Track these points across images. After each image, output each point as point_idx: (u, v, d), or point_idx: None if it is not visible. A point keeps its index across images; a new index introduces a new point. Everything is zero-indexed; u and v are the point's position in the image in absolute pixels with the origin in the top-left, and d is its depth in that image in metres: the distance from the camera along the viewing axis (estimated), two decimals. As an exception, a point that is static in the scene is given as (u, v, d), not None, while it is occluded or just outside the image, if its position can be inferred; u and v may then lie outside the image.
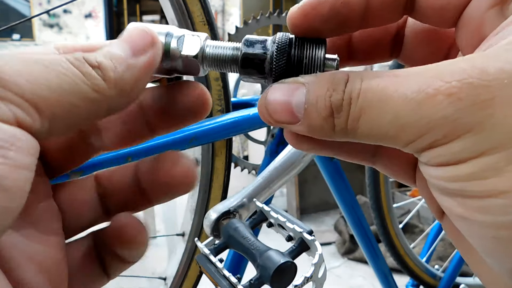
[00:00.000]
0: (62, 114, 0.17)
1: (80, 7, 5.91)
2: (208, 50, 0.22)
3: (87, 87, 0.18)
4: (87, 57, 0.18)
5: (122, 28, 4.00)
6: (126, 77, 0.19)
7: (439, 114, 0.16)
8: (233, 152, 0.69)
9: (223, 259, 0.42)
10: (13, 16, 5.56)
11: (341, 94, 0.19)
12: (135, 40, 0.20)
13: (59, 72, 0.17)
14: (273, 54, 0.21)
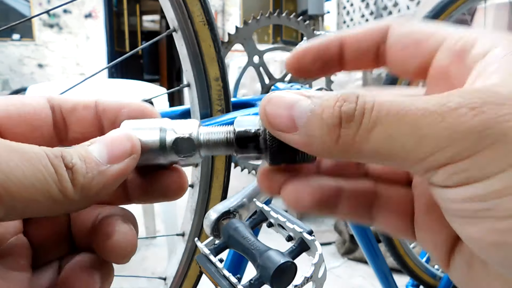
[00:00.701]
0: (21, 207, 0.17)
1: (80, 7, 5.91)
2: (202, 137, 0.23)
3: (55, 187, 0.18)
4: (64, 156, 0.19)
5: (122, 28, 4.01)
6: (94, 184, 0.20)
7: (463, 126, 0.15)
8: (233, 152, 0.69)
9: (223, 259, 0.42)
10: (13, 16, 5.56)
11: (353, 104, 0.18)
12: (114, 146, 0.21)
13: (36, 168, 0.17)
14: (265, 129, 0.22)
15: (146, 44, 0.82)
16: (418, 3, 3.78)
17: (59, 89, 0.59)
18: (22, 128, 0.22)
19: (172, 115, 0.64)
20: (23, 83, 5.54)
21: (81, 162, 0.19)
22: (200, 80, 0.61)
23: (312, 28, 0.79)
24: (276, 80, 0.77)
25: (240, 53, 0.81)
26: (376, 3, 4.65)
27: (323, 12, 5.89)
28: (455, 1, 1.00)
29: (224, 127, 0.23)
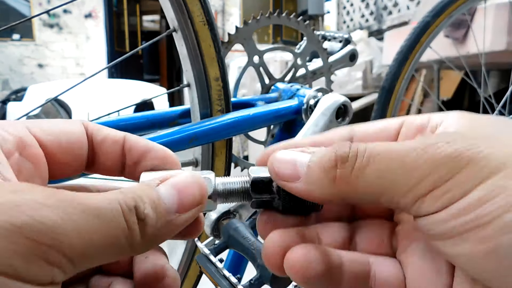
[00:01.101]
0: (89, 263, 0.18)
1: (80, 7, 5.91)
2: (219, 187, 0.24)
3: (125, 241, 0.18)
4: (138, 206, 0.19)
5: (122, 28, 4.02)
6: (160, 234, 0.20)
7: (441, 154, 0.19)
8: (233, 152, 0.69)
9: (223, 259, 0.42)
10: (13, 16, 5.56)
11: (347, 149, 0.21)
12: (185, 193, 0.21)
13: (112, 230, 0.18)
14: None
15: (146, 44, 0.82)
16: (418, 3, 3.78)
17: (59, 89, 0.59)
18: (65, 156, 0.23)
19: (172, 115, 0.64)
20: (23, 83, 5.54)
21: (153, 212, 0.19)
22: (200, 80, 0.60)
23: (312, 28, 0.79)
24: (276, 80, 0.77)
25: (240, 53, 0.81)
26: (376, 3, 4.64)
27: (323, 12, 5.89)
28: (455, 1, 1.00)
29: (239, 178, 0.25)
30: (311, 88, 0.70)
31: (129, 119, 0.61)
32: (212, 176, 0.24)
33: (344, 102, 0.65)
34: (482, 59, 1.17)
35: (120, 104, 0.67)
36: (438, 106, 2.21)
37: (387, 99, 1.03)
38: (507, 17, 1.66)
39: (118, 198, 0.19)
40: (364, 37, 3.47)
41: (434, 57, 1.75)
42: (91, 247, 0.17)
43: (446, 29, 1.55)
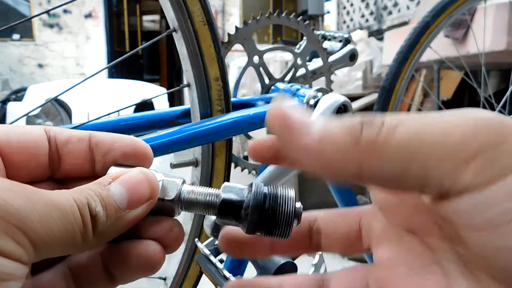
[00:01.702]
0: (48, 251, 0.19)
1: (80, 7, 5.91)
2: (184, 195, 0.24)
3: (79, 235, 0.19)
4: (89, 203, 0.20)
5: (122, 28, 4.01)
6: (110, 230, 0.20)
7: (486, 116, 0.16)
8: (233, 152, 0.69)
9: (223, 260, 0.42)
10: (13, 16, 5.56)
11: (372, 116, 0.17)
12: (135, 190, 0.21)
13: (69, 222, 0.19)
14: (248, 205, 0.23)
15: (146, 44, 0.82)
16: (418, 3, 3.78)
17: (59, 89, 0.59)
18: (21, 156, 0.23)
19: (172, 115, 0.64)
20: (23, 83, 5.54)
21: (103, 209, 0.20)
22: (200, 80, 0.60)
23: (312, 28, 0.79)
24: (276, 80, 0.77)
25: (240, 53, 0.81)
26: (376, 3, 4.64)
27: (323, 12, 5.89)
28: (455, 1, 1.00)
29: (209, 189, 0.24)
30: (311, 88, 0.70)
31: (129, 119, 0.61)
32: (179, 181, 0.24)
33: (344, 102, 0.65)
34: (482, 59, 1.17)
35: (120, 104, 0.67)
36: (438, 106, 2.21)
37: (387, 99, 1.03)
38: (507, 17, 1.66)
39: (73, 195, 0.20)
40: (364, 37, 3.47)
41: (434, 57, 1.75)
42: (51, 237, 0.18)
43: (446, 29, 1.55)
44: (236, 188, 0.23)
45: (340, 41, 0.89)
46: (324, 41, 0.91)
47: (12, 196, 0.17)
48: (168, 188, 0.23)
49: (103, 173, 0.23)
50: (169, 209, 0.24)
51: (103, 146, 0.24)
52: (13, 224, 0.17)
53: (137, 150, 0.24)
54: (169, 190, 0.23)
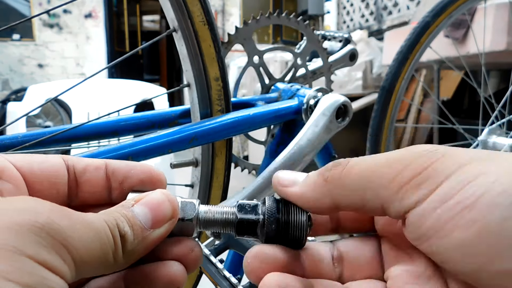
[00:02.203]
0: (85, 271, 0.20)
1: (80, 7, 5.91)
2: (201, 215, 0.25)
3: (111, 255, 0.20)
4: (118, 224, 0.21)
5: (122, 28, 4.00)
6: (137, 249, 0.22)
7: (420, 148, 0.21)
8: (233, 152, 0.68)
9: (223, 260, 0.42)
10: (13, 16, 5.56)
11: (343, 160, 0.23)
12: (158, 210, 0.23)
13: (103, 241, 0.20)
14: (264, 220, 0.24)
15: (146, 44, 0.82)
16: (418, 3, 3.78)
17: (59, 89, 0.59)
18: (43, 185, 0.24)
19: (172, 115, 0.64)
20: (23, 83, 5.54)
21: (130, 229, 0.21)
22: (200, 80, 0.60)
23: (312, 28, 0.79)
24: (276, 80, 0.77)
25: (240, 53, 0.81)
26: (376, 3, 4.64)
27: (323, 12, 5.88)
28: (455, 1, 1.00)
29: (225, 208, 0.26)
30: (311, 88, 0.70)
31: (129, 119, 0.61)
32: (196, 202, 0.25)
33: (344, 102, 0.65)
34: (482, 59, 1.17)
35: (120, 104, 0.67)
36: (438, 106, 2.21)
37: (387, 99, 1.03)
38: (507, 17, 1.65)
39: (103, 217, 0.21)
40: (364, 37, 3.47)
41: (434, 57, 1.75)
42: (89, 255, 0.19)
43: (446, 29, 1.54)
44: (250, 206, 0.25)
45: (340, 41, 0.89)
46: (324, 41, 0.91)
47: (57, 215, 0.18)
48: (187, 208, 0.25)
49: (120, 199, 0.24)
50: (188, 228, 0.25)
51: (119, 174, 0.26)
52: (59, 241, 0.18)
53: (153, 177, 0.26)
54: (187, 210, 0.25)
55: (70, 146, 0.60)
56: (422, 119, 2.72)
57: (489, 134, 1.02)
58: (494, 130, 1.02)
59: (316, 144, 0.62)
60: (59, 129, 0.55)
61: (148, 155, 0.55)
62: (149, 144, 0.54)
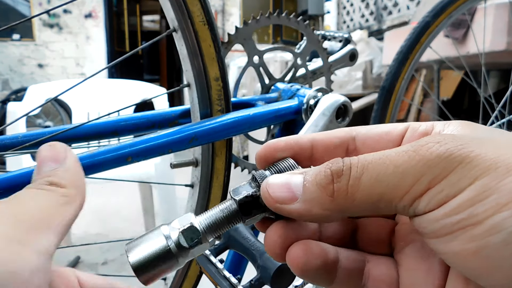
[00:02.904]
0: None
1: (80, 7, 5.91)
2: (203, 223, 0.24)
3: None
4: None
5: (122, 28, 4.01)
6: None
7: (433, 155, 0.19)
8: (233, 152, 0.68)
9: (223, 260, 0.42)
10: (13, 16, 5.55)
11: (340, 163, 0.21)
12: None
13: None
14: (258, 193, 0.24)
15: (146, 44, 0.82)
16: (418, 3, 3.78)
17: (59, 89, 0.59)
18: None
19: (172, 115, 0.64)
20: (23, 83, 5.54)
21: None
22: (200, 80, 0.60)
23: (312, 28, 0.79)
24: (276, 80, 0.77)
25: (240, 53, 0.81)
26: (376, 3, 4.64)
27: (323, 12, 5.88)
28: (455, 1, 0.99)
29: (221, 205, 0.25)
30: (311, 88, 0.70)
31: (129, 119, 0.61)
32: (191, 215, 0.24)
33: (344, 102, 0.65)
34: (482, 59, 1.17)
35: (120, 104, 0.67)
36: (438, 106, 2.21)
37: (387, 99, 1.03)
38: (507, 17, 1.65)
39: None
40: (364, 37, 3.47)
41: (434, 57, 1.75)
42: None
43: (446, 29, 1.54)
44: (242, 187, 0.24)
45: (340, 41, 0.89)
46: (324, 41, 0.91)
47: None
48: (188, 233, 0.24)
49: None
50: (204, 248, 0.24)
51: None
52: None
53: None
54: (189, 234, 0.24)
55: (70, 146, 0.60)
56: (422, 119, 2.72)
57: (489, 134, 1.01)
58: (494, 130, 1.01)
59: (316, 144, 0.62)
60: (59, 129, 0.55)
61: (148, 155, 0.55)
62: (149, 144, 0.54)
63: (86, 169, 0.49)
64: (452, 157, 0.19)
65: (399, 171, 0.20)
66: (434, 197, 0.19)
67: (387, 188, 0.20)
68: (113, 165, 0.52)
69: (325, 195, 0.21)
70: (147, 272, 0.24)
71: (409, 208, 0.20)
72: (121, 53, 6.24)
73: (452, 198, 0.19)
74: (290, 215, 0.22)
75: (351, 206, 0.21)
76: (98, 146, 0.55)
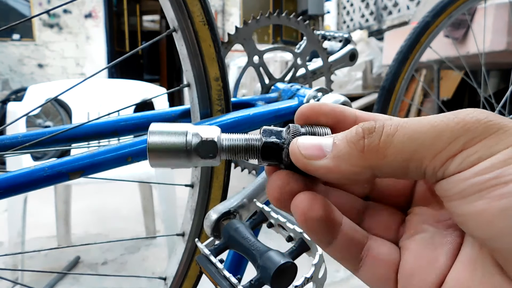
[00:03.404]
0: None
1: (80, 7, 5.91)
2: (225, 142, 0.26)
3: None
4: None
5: (122, 28, 4.00)
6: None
7: (473, 119, 0.19)
8: (233, 152, 0.68)
9: (223, 260, 0.42)
10: (13, 16, 5.56)
11: (372, 123, 0.21)
12: None
13: None
14: (288, 144, 0.24)
15: (146, 44, 0.82)
16: (418, 3, 3.78)
17: (59, 89, 0.59)
18: None
19: (172, 115, 0.64)
20: (23, 83, 5.54)
21: None
22: (200, 80, 0.60)
23: (312, 28, 0.79)
24: (276, 80, 0.77)
25: (240, 53, 0.81)
26: (376, 3, 4.64)
27: (323, 12, 5.89)
28: (455, 1, 0.99)
29: (248, 136, 0.25)
30: (311, 88, 0.70)
31: (129, 119, 0.61)
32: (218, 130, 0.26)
33: (344, 102, 0.65)
34: (482, 59, 1.17)
35: (120, 104, 0.67)
36: (438, 106, 2.21)
37: (387, 99, 1.03)
38: (507, 17, 1.65)
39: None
40: (364, 37, 3.47)
41: (434, 57, 1.75)
42: None
43: (446, 29, 1.54)
44: (274, 131, 0.25)
45: (340, 41, 0.89)
46: (324, 41, 0.91)
47: None
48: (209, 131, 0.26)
49: None
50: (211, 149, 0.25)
51: None
52: None
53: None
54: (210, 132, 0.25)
55: (70, 146, 0.60)
56: (422, 119, 2.72)
57: (489, 134, 1.01)
58: (494, 130, 1.01)
59: (316, 144, 0.62)
60: (59, 129, 0.55)
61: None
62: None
63: (86, 169, 0.49)
64: (491, 123, 0.19)
65: (435, 129, 0.20)
66: (467, 157, 0.19)
67: (421, 145, 0.20)
68: (113, 165, 0.52)
69: (355, 151, 0.21)
70: (157, 158, 0.25)
71: (439, 168, 0.20)
72: (121, 53, 6.25)
73: (485, 159, 0.19)
74: (317, 172, 0.22)
75: (381, 163, 0.20)
76: (98, 146, 0.55)
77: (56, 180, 0.47)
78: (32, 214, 1.80)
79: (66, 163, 0.48)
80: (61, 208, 1.93)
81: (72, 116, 1.71)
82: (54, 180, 0.47)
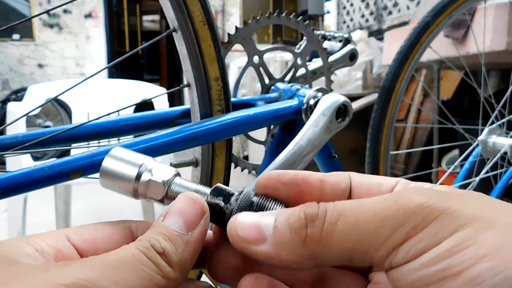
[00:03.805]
0: None
1: (80, 7, 5.91)
2: (173, 187, 0.25)
3: (159, 277, 0.20)
4: (153, 244, 0.21)
5: (122, 28, 3.99)
6: (186, 256, 0.21)
7: (414, 204, 0.19)
8: (233, 152, 0.68)
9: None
10: (13, 16, 5.56)
11: (315, 208, 0.20)
12: (187, 213, 0.22)
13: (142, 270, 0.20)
14: (232, 211, 0.23)
15: (146, 44, 0.82)
16: (418, 3, 3.78)
17: (59, 89, 0.59)
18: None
19: (172, 115, 0.64)
20: (23, 83, 5.54)
21: (169, 242, 0.21)
22: (200, 80, 0.60)
23: (312, 28, 0.79)
24: (276, 80, 0.77)
25: (240, 53, 0.81)
26: (376, 3, 4.64)
27: (323, 12, 5.88)
28: (455, 1, 0.99)
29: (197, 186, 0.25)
30: (311, 88, 0.70)
31: (129, 119, 0.61)
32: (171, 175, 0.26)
33: (344, 102, 0.65)
34: (482, 59, 1.17)
35: (120, 104, 0.67)
36: (438, 106, 2.21)
37: (387, 99, 1.03)
38: (507, 17, 1.65)
39: (135, 245, 0.21)
40: (364, 37, 3.47)
41: (434, 57, 1.75)
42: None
43: (446, 29, 1.54)
44: (225, 193, 0.24)
45: (340, 41, 0.89)
46: (324, 41, 0.91)
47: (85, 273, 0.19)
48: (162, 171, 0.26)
49: None
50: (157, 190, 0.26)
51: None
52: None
53: None
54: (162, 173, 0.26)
55: (70, 146, 0.60)
56: (422, 119, 2.72)
57: (489, 134, 1.02)
58: (494, 130, 1.02)
59: (316, 144, 0.62)
60: (59, 129, 0.55)
61: (148, 155, 0.55)
62: (149, 144, 0.54)
63: (86, 169, 0.49)
64: (433, 208, 0.19)
65: (377, 218, 0.19)
66: (412, 247, 0.18)
67: (364, 235, 0.19)
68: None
69: (297, 240, 0.20)
70: (107, 182, 0.25)
71: (386, 259, 0.19)
72: (121, 53, 6.24)
73: (431, 248, 0.18)
74: (256, 257, 0.21)
75: (324, 253, 0.20)
76: (98, 146, 0.55)
77: (56, 180, 0.47)
78: (32, 214, 1.80)
79: (66, 163, 0.48)
80: (61, 208, 1.93)
81: (72, 116, 1.71)
82: (54, 180, 0.47)
